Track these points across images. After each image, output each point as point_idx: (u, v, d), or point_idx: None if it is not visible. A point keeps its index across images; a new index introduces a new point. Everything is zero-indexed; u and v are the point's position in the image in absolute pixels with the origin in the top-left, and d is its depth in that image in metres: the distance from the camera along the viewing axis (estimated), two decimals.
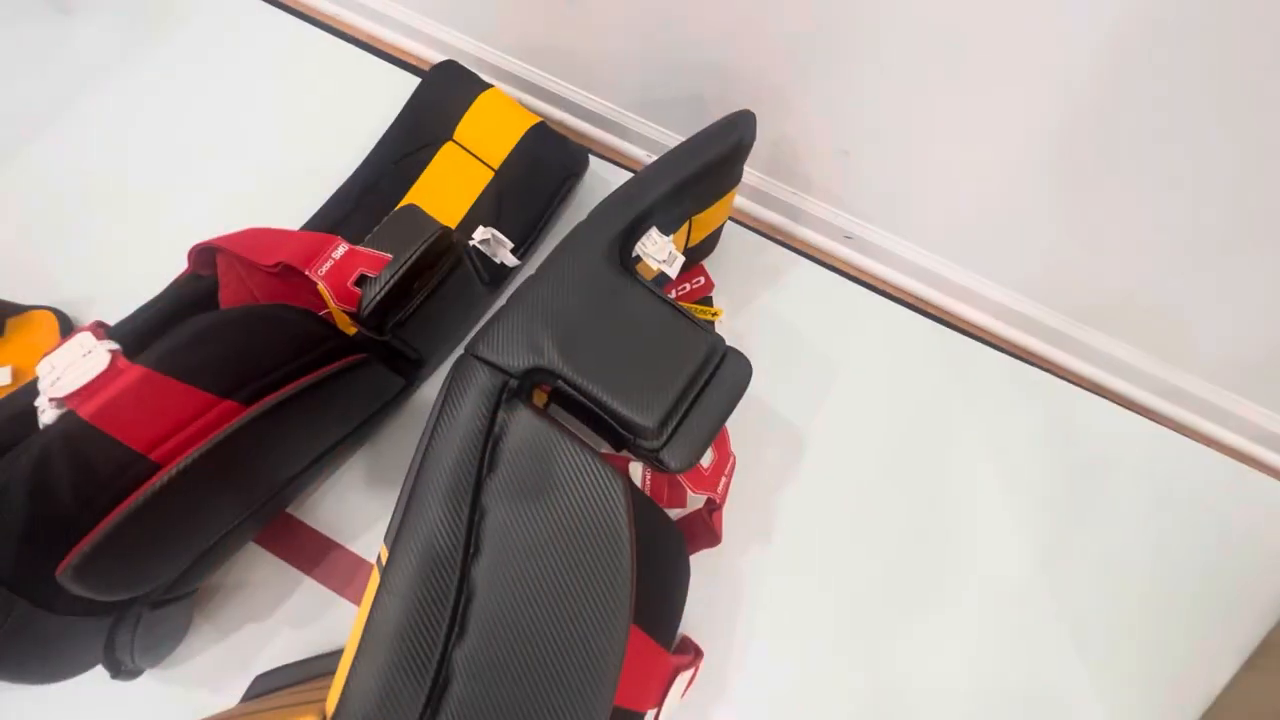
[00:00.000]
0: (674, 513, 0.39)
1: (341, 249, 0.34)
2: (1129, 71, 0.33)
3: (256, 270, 0.34)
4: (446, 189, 0.47)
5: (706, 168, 0.36)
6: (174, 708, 0.40)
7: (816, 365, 0.49)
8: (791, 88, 0.42)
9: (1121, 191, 0.39)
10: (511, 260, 0.44)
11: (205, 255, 0.35)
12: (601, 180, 0.53)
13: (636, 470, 0.37)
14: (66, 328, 0.45)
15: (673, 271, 0.35)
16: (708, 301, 0.49)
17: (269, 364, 0.33)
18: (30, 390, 0.30)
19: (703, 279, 0.49)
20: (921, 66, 0.38)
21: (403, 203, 0.46)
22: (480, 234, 0.43)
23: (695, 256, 0.48)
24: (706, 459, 0.34)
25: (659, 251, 0.35)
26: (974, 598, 0.44)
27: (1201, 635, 0.44)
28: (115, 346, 0.28)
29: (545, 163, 0.48)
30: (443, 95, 0.49)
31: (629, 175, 0.41)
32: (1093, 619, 0.44)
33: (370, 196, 0.47)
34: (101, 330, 0.29)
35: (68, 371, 0.28)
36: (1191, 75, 0.32)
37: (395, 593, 0.28)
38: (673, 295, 0.48)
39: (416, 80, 0.51)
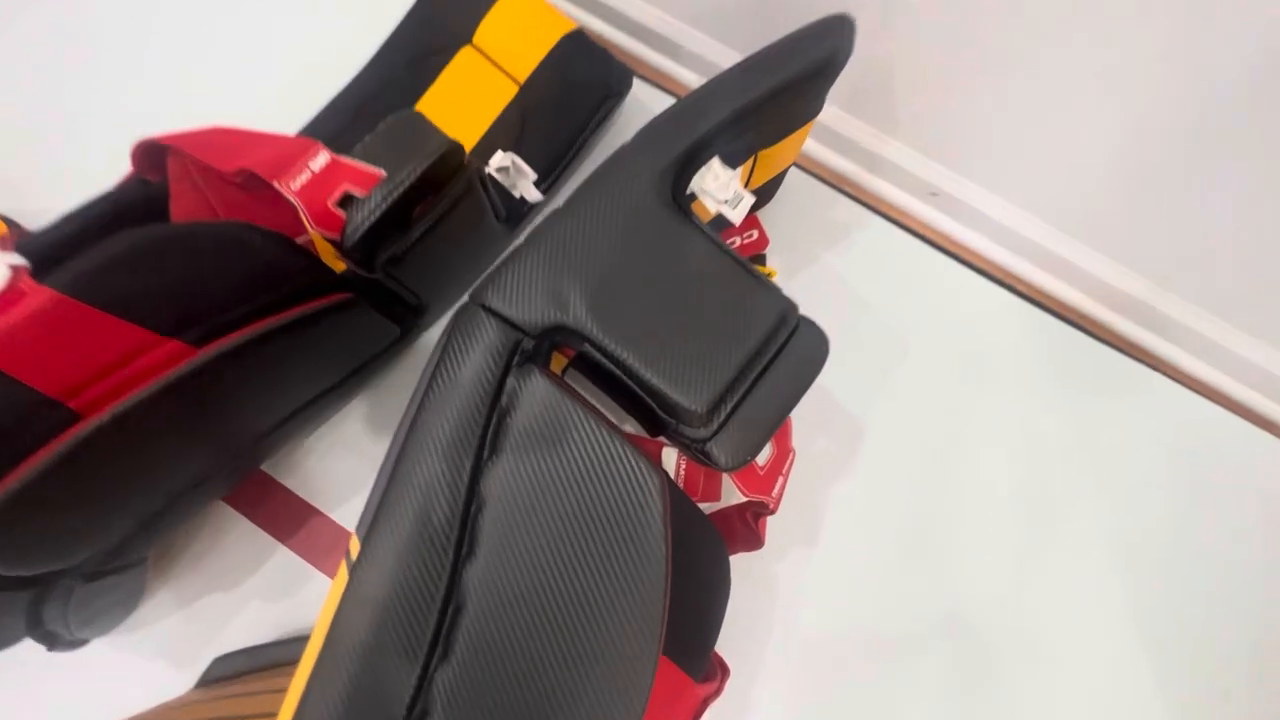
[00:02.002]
0: (707, 506, 0.33)
1: (322, 158, 0.27)
2: None
3: (217, 179, 0.28)
4: (461, 103, 0.40)
5: (788, 86, 0.28)
6: (129, 678, 0.35)
7: (881, 343, 0.42)
8: None
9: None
10: (534, 194, 0.37)
11: (153, 155, 0.28)
12: (643, 108, 0.45)
13: (670, 456, 0.31)
14: None
15: (736, 216, 0.28)
16: (760, 260, 0.42)
17: (228, 298, 0.26)
18: None
19: (756, 233, 0.41)
20: None
21: None
22: (498, 159, 0.36)
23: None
24: (763, 455, 0.27)
25: (722, 189, 0.27)
26: (1057, 639, 0.38)
27: None
28: (20, 261, 0.22)
29: (581, 79, 0.40)
30: None
31: None
32: (1192, 667, 0.38)
33: (372, 107, 0.40)
34: (10, 237, 0.23)
35: None
36: None
37: (365, 601, 0.22)
38: None
39: None
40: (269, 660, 0.32)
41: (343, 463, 0.39)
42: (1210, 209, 0.35)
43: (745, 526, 0.32)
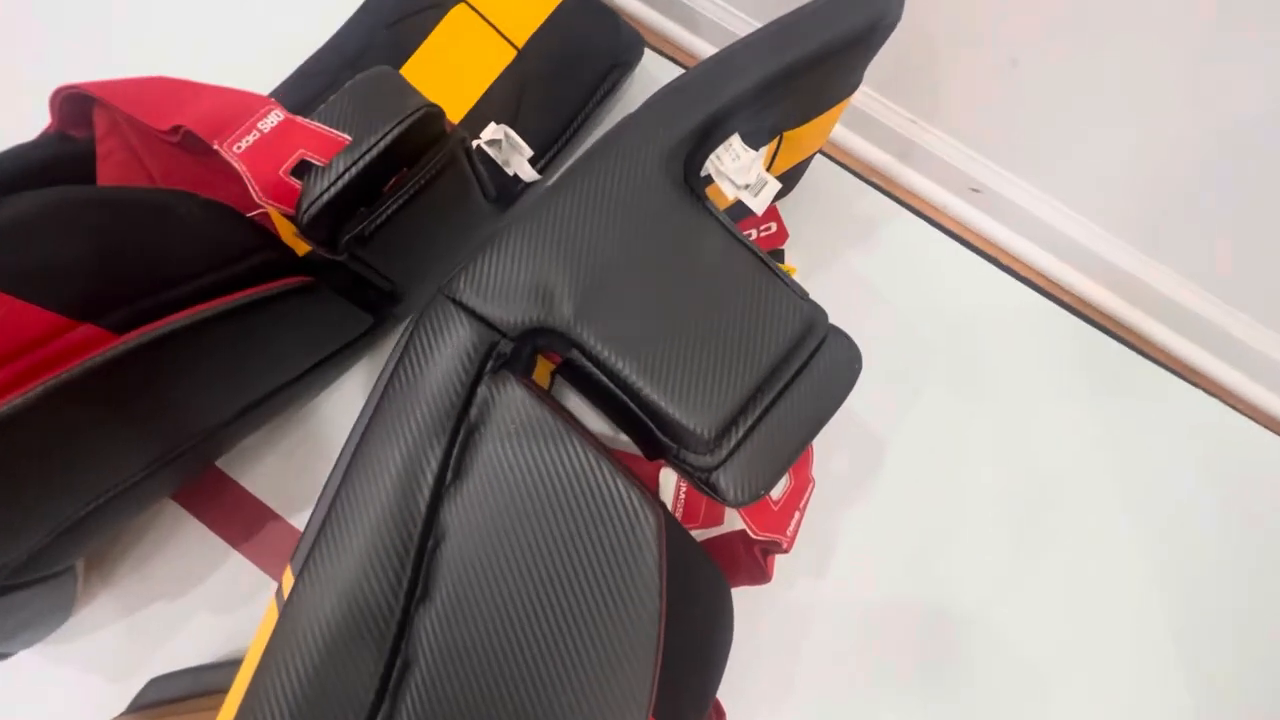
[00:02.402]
0: (709, 531, 0.30)
1: (274, 117, 0.23)
2: None
3: (154, 138, 0.24)
4: (451, 68, 0.36)
5: (825, 53, 0.24)
6: (60, 693, 0.32)
7: (907, 350, 0.38)
8: None
9: None
10: (528, 172, 0.33)
11: (77, 106, 0.24)
12: (654, 82, 0.40)
13: (669, 477, 0.27)
14: None
15: (758, 204, 0.24)
16: (777, 256, 0.38)
17: (158, 277, 0.22)
18: None
19: (775, 226, 0.37)
20: None
21: None
22: (490, 132, 0.32)
23: None
24: (779, 488, 0.23)
25: (742, 171, 0.23)
26: (1089, 676, 0.34)
27: None
28: None
29: (586, 46, 0.36)
30: None
31: None
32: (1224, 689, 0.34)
33: (351, 72, 0.36)
34: None
35: None
36: None
37: (296, 651, 0.18)
38: None
39: None
40: (210, 685, 0.29)
41: (307, 463, 0.35)
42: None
43: (751, 558, 0.28)
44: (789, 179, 0.36)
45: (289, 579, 0.19)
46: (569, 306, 0.20)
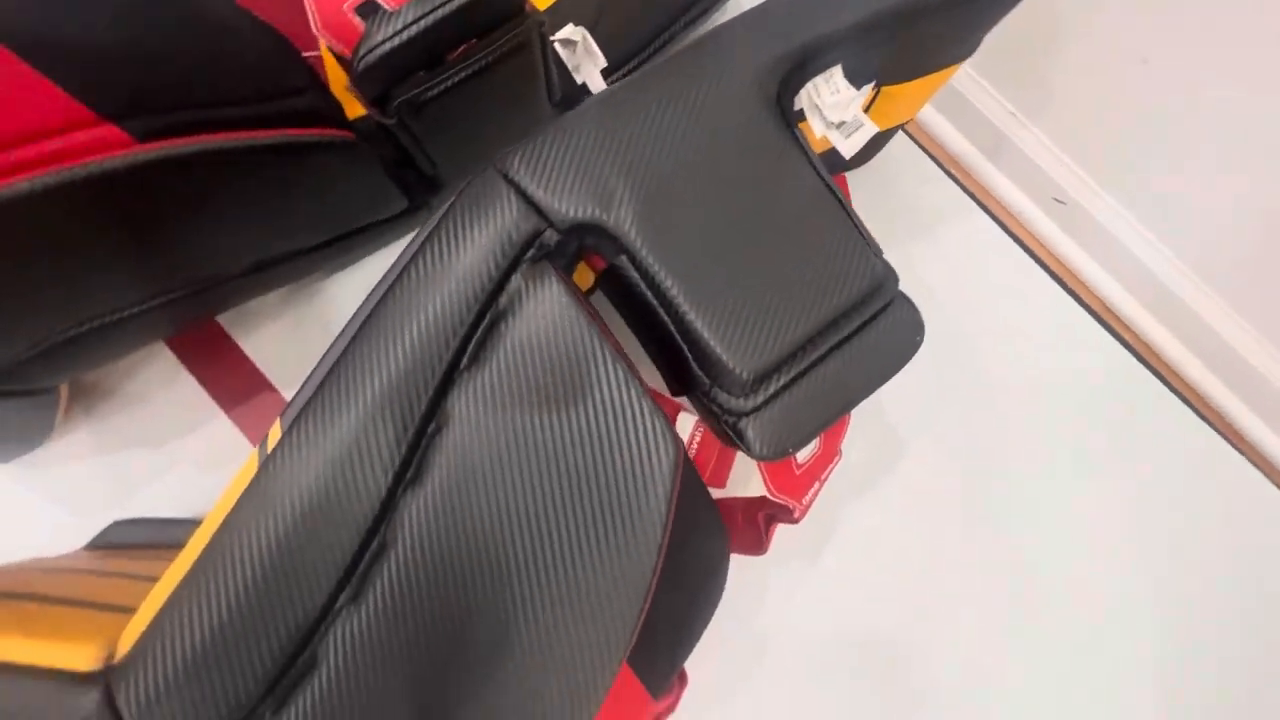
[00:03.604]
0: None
1: None
2: None
3: None
4: None
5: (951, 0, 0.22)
6: (23, 514, 0.31)
7: (950, 358, 0.36)
8: None
9: None
10: (599, 84, 0.31)
11: None
12: None
13: (686, 423, 0.25)
14: None
15: (849, 146, 0.22)
16: None
17: (193, 92, 0.21)
18: None
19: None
20: None
21: None
22: (567, 32, 0.30)
23: (841, 161, 0.34)
24: (806, 451, 0.22)
25: (839, 107, 0.21)
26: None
27: None
28: None
29: None
30: None
31: None
32: None
33: None
34: None
35: None
36: None
37: (270, 509, 0.17)
38: None
39: None
40: (172, 539, 0.28)
41: (312, 338, 0.33)
42: None
43: (750, 526, 0.26)
44: (867, 149, 0.34)
45: (276, 433, 0.18)
46: (628, 209, 0.19)
